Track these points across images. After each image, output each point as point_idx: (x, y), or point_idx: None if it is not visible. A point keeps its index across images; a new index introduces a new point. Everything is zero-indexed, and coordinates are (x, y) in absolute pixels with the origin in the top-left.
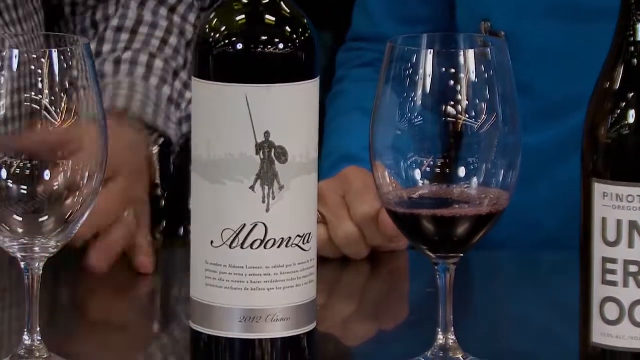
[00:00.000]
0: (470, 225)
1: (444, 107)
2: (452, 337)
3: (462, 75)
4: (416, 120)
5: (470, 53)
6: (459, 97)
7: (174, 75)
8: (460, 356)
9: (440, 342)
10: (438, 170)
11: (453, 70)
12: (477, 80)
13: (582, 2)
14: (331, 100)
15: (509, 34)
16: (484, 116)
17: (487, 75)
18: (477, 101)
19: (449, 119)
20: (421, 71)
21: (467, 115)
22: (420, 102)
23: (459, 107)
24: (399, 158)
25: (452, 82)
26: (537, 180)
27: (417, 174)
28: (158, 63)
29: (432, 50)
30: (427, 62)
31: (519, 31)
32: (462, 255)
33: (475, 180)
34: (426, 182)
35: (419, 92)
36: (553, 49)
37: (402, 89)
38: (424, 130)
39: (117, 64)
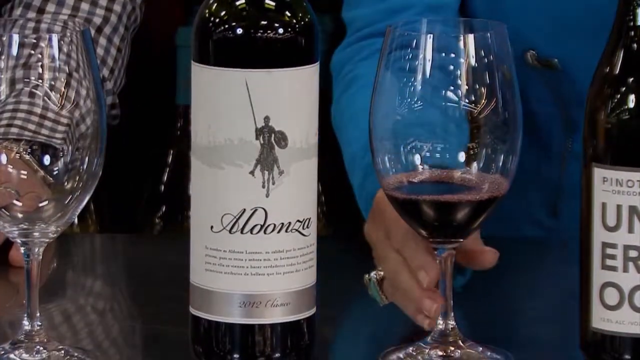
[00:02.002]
0: (469, 210)
1: (443, 92)
2: (451, 322)
3: (462, 60)
4: (416, 105)
5: (470, 38)
6: (459, 82)
7: None
8: (459, 341)
9: (440, 327)
10: (437, 155)
11: (453, 55)
12: (476, 65)
13: None
14: (347, 86)
15: (560, 60)
16: (483, 101)
17: (486, 60)
18: (477, 86)
19: (448, 104)
20: (421, 56)
21: (467, 100)
22: (420, 87)
23: (459, 92)
24: (398, 143)
25: (451, 67)
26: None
27: (417, 158)
28: None
29: (431, 35)
30: (427, 47)
31: (568, 55)
32: (461, 240)
33: (474, 165)
34: (426, 167)
35: (419, 77)
36: None
37: (401, 73)
38: (423, 115)
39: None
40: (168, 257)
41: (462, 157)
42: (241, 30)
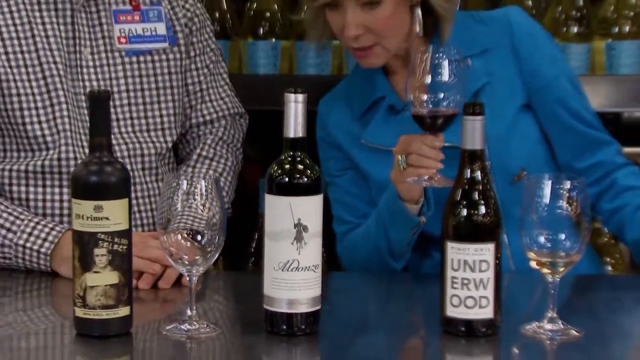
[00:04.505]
0: (445, 118)
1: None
2: None
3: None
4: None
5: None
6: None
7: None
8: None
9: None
10: (432, 98)
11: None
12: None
13: None
14: (352, 246)
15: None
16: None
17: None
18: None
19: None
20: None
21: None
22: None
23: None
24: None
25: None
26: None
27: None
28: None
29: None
30: None
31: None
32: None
33: (445, 103)
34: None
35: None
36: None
37: None
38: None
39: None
40: (254, 281)
41: (442, 100)
42: (287, 179)
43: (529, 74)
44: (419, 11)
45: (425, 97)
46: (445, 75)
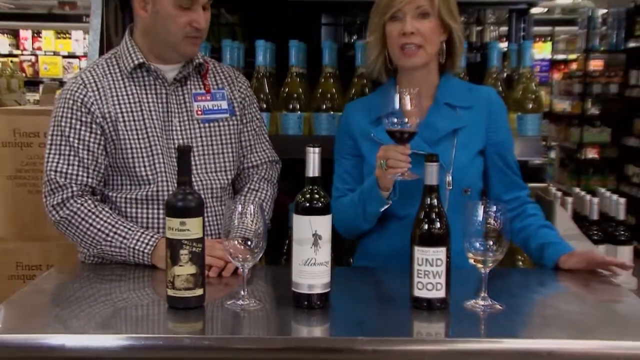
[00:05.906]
0: (410, 134)
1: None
2: None
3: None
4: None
5: None
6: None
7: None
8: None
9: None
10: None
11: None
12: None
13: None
14: (339, 206)
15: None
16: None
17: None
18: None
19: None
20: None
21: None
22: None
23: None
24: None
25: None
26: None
27: (396, 121)
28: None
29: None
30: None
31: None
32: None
33: (408, 125)
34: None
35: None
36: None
37: None
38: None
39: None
40: (285, 272)
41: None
42: (307, 204)
43: (491, 131)
44: (444, 45)
45: (395, 120)
46: (408, 106)
